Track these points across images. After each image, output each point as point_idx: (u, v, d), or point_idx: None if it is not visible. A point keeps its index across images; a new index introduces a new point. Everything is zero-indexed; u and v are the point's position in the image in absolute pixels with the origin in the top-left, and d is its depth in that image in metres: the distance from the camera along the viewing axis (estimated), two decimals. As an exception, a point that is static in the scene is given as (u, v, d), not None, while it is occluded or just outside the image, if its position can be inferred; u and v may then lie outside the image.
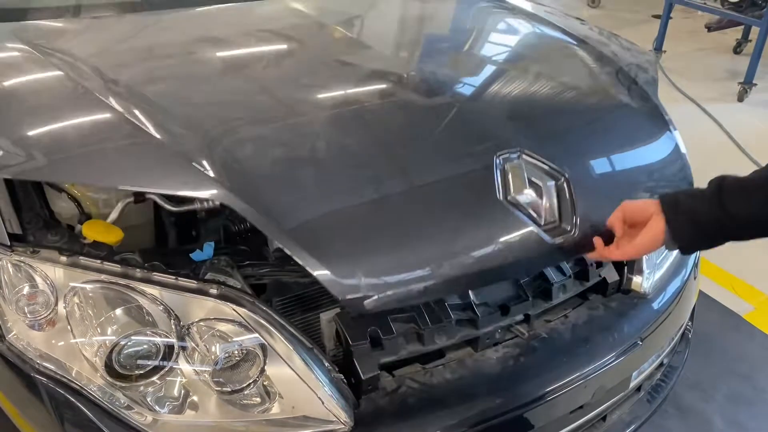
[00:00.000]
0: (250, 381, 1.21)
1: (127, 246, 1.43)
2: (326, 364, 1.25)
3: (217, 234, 1.54)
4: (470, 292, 1.39)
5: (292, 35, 1.94)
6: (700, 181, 1.98)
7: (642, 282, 1.63)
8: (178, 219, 1.57)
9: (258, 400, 1.22)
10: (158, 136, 1.35)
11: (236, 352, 1.23)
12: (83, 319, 1.23)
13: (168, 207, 1.50)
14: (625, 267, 1.64)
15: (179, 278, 1.26)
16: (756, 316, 2.64)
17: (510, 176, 1.43)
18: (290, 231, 1.23)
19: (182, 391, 1.21)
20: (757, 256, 2.92)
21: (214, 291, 1.24)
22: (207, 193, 1.28)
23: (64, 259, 1.26)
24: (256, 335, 1.22)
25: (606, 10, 6.99)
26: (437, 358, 1.38)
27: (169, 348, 1.21)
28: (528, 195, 1.41)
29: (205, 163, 1.30)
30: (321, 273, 1.19)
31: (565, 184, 1.45)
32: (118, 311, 1.23)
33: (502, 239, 1.35)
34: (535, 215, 1.39)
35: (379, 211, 1.32)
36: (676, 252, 1.76)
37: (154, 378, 1.20)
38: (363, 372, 1.27)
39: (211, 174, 1.28)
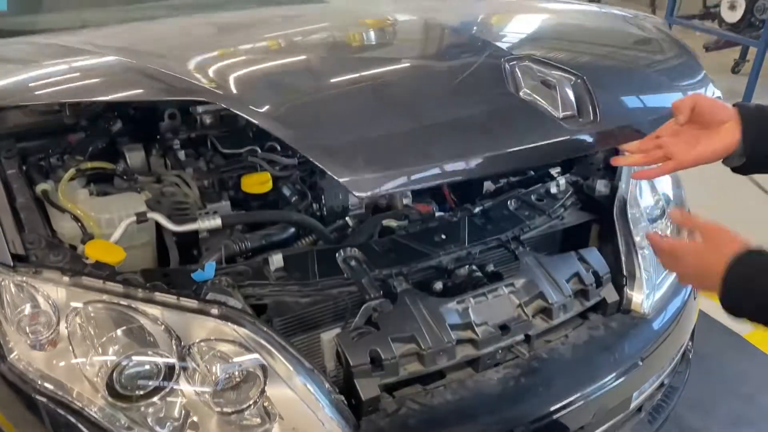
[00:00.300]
0: (251, 402, 1.20)
1: (129, 266, 1.44)
2: (327, 385, 1.25)
3: (218, 253, 1.54)
4: (470, 311, 1.40)
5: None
6: (694, 204, 2.00)
7: (642, 302, 1.63)
8: (180, 238, 1.58)
9: (258, 421, 1.21)
10: None
11: (237, 372, 1.23)
12: (85, 339, 1.23)
13: (170, 226, 1.52)
14: (625, 287, 1.64)
15: (180, 298, 1.26)
16: (757, 335, 2.63)
17: (519, 74, 1.44)
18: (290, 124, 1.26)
19: (183, 412, 1.21)
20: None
21: (215, 311, 1.24)
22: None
23: (66, 279, 1.26)
24: (257, 356, 1.22)
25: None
26: (438, 378, 1.38)
27: (170, 368, 1.21)
28: (541, 90, 1.40)
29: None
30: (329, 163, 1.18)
31: (581, 82, 1.42)
32: (120, 331, 1.23)
33: (515, 125, 1.36)
34: (550, 107, 1.38)
35: (384, 106, 1.37)
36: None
37: (155, 398, 1.19)
38: (363, 393, 1.27)
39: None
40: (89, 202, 1.54)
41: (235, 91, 1.35)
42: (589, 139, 1.37)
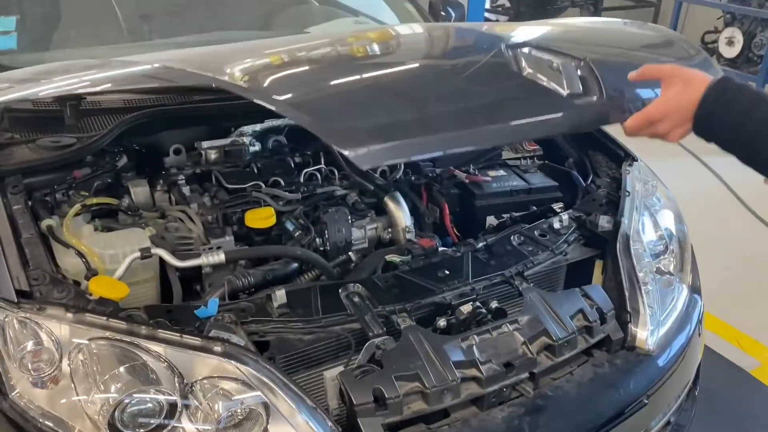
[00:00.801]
0: (253, 440, 1.19)
1: (133, 301, 1.44)
2: (329, 424, 1.24)
3: (222, 290, 1.54)
4: (474, 349, 1.39)
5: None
6: (696, 237, 1.99)
7: (646, 338, 1.62)
8: (183, 273, 1.58)
9: (261, 459, 1.20)
10: None
11: (239, 410, 1.22)
12: (87, 376, 1.23)
13: (173, 262, 1.52)
14: (629, 323, 1.64)
15: (183, 335, 1.26)
16: (762, 371, 2.61)
17: (523, 59, 1.46)
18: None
19: (185, 451, 1.20)
20: (762, 311, 2.91)
21: (218, 348, 1.24)
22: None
23: (69, 315, 1.26)
24: (259, 393, 1.22)
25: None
26: (442, 417, 1.37)
27: (172, 406, 1.21)
28: (546, 70, 1.42)
29: None
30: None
31: (585, 64, 1.43)
32: (122, 369, 1.23)
33: (519, 100, 1.40)
34: (555, 85, 1.39)
35: (386, 89, 1.44)
36: (680, 307, 1.77)
37: (157, 437, 1.19)
38: (367, 432, 1.25)
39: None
40: (94, 238, 1.54)
41: (247, 84, 1.38)
42: (593, 113, 1.40)
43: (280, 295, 1.44)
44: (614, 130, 2.19)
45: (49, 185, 1.67)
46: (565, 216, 1.84)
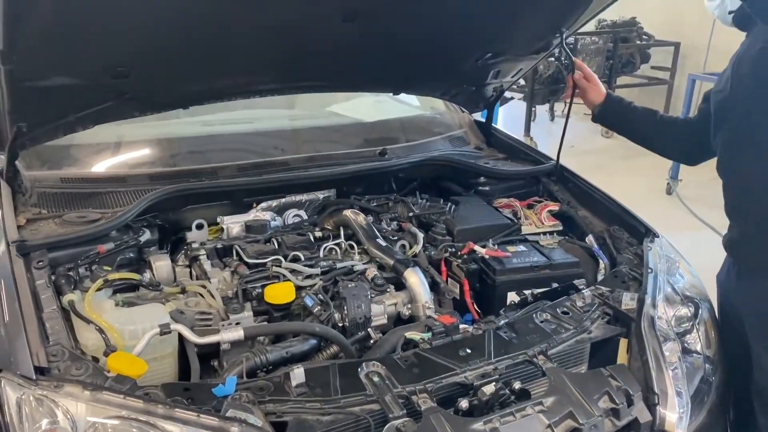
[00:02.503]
0: None
1: (151, 377, 1.43)
2: None
3: (240, 367, 1.52)
4: (498, 432, 1.35)
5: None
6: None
7: (676, 422, 1.56)
8: (202, 349, 1.57)
9: None
10: None
11: (255, 495, 1.18)
12: (101, 456, 1.20)
13: (192, 338, 1.51)
14: (658, 405, 1.58)
15: (201, 415, 1.24)
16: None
17: None
18: None
19: None
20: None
21: (234, 429, 1.22)
22: None
23: (86, 393, 1.25)
24: (276, 477, 1.18)
25: (620, 140, 7.18)
26: None
27: (188, 489, 1.17)
28: None
29: None
30: None
31: None
32: (138, 449, 1.21)
33: None
34: None
35: None
36: (710, 388, 1.73)
37: None
38: None
39: None
40: (114, 313, 1.55)
41: None
42: None
43: (298, 373, 1.42)
44: (633, 205, 2.19)
45: (73, 260, 1.69)
46: (587, 293, 1.82)
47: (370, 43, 2.01)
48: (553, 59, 2.76)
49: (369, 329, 1.74)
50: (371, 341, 1.72)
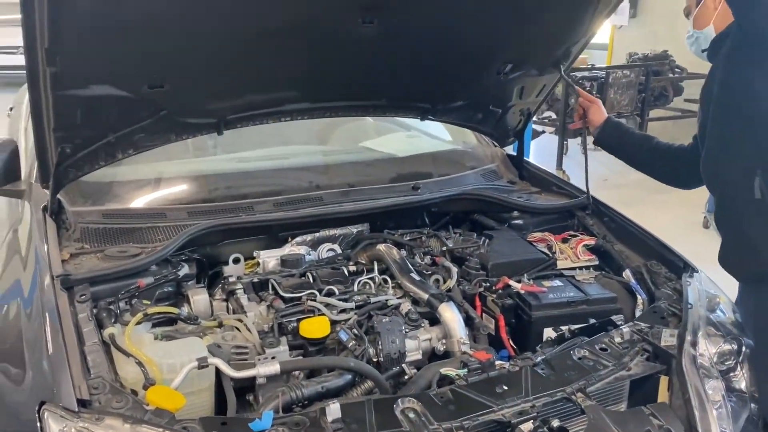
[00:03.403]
0: None
1: (188, 411, 1.43)
2: None
3: (276, 402, 1.52)
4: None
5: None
6: None
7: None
8: (237, 383, 1.58)
9: None
10: None
11: None
12: (140, 489, 1.21)
13: (229, 372, 1.52)
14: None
15: (239, 449, 1.24)
16: None
17: None
18: None
19: None
20: None
21: (272, 464, 1.21)
22: None
23: (126, 426, 1.27)
24: None
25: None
26: None
27: None
28: None
29: None
30: None
31: None
32: (176, 483, 1.21)
33: None
34: None
35: None
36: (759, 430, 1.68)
37: None
38: None
39: None
40: (153, 347, 1.57)
41: None
42: None
43: (334, 408, 1.42)
44: (670, 240, 2.16)
45: (114, 293, 1.73)
46: (626, 329, 1.79)
47: (389, 46, 2.05)
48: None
49: (403, 365, 1.73)
50: (406, 377, 1.70)
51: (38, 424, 1.32)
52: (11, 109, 3.78)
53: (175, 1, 1.62)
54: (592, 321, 1.92)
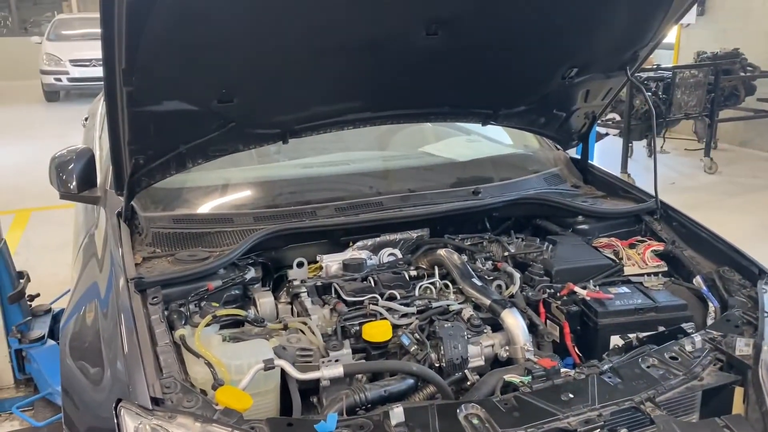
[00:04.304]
0: None
1: (255, 412, 1.47)
2: None
3: (340, 404, 1.54)
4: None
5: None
6: None
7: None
8: (302, 385, 1.61)
9: None
10: None
11: None
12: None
13: (295, 374, 1.55)
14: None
15: (305, 450, 1.26)
16: None
17: None
18: None
19: None
20: None
21: (338, 465, 1.23)
22: None
23: (197, 425, 1.31)
24: None
25: (724, 176, 6.85)
26: None
27: None
28: None
29: None
30: None
31: None
32: (244, 481, 1.24)
33: None
34: None
35: None
36: None
37: None
38: None
39: None
40: (221, 348, 1.61)
41: None
42: None
43: (398, 412, 1.42)
44: (742, 245, 2.08)
45: (184, 296, 1.79)
46: (698, 337, 1.72)
47: (452, 57, 2.04)
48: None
49: (466, 370, 1.72)
50: (468, 383, 1.70)
51: (115, 421, 1.38)
52: (86, 119, 3.97)
53: (247, 21, 1.66)
54: (661, 329, 1.86)
